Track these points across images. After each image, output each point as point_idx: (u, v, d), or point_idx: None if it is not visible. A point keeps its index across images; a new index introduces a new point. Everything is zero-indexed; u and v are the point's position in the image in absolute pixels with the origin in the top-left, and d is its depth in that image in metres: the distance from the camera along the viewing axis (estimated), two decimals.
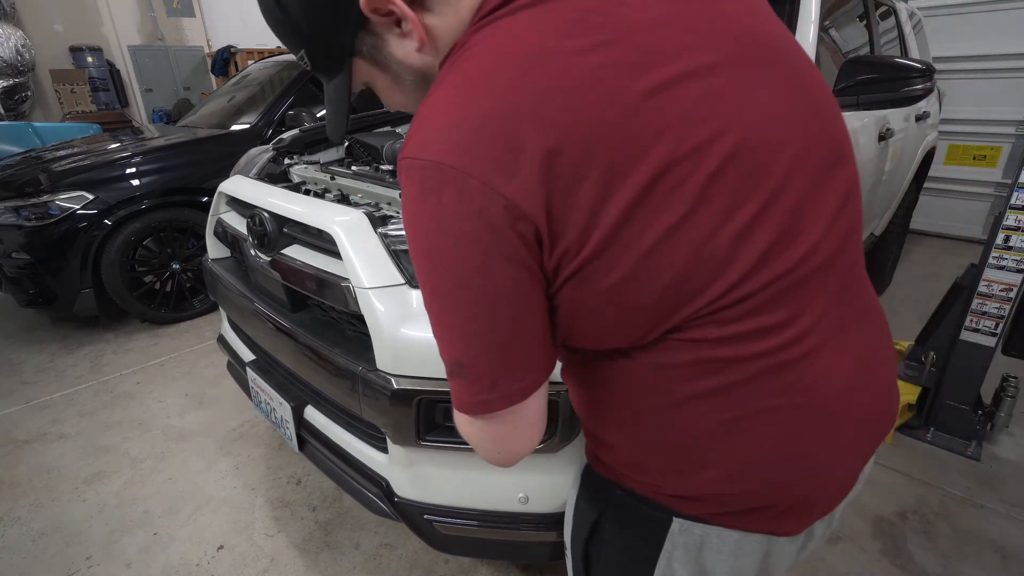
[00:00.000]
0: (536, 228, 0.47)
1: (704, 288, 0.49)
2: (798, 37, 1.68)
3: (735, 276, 0.49)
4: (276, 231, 1.39)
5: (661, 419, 0.57)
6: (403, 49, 0.57)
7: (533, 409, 0.56)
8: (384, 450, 1.22)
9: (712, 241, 0.48)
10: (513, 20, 0.50)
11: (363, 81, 0.63)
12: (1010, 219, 1.82)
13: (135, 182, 2.96)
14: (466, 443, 1.09)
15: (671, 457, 0.59)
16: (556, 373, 1.04)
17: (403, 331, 1.06)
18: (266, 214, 1.40)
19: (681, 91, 0.47)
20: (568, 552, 0.78)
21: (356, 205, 1.47)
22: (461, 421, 0.57)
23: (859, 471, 0.64)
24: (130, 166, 3.01)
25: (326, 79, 0.63)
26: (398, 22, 0.54)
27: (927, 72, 1.58)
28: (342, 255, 1.14)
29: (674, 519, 0.61)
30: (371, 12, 0.53)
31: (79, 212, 2.79)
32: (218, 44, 8.83)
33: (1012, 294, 1.88)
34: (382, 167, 1.71)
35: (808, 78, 0.56)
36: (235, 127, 3.51)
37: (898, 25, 2.88)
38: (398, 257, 1.13)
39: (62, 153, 3.26)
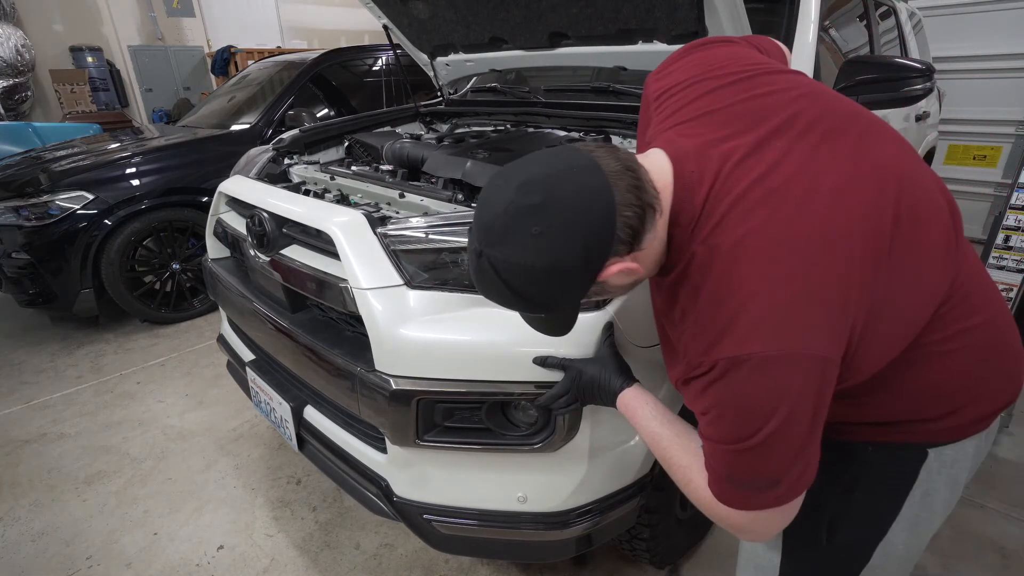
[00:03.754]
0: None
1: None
2: (798, 37, 1.68)
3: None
4: (275, 231, 1.39)
5: (932, 378, 0.73)
6: (622, 279, 0.70)
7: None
8: (383, 450, 1.22)
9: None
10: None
11: None
12: (1010, 219, 1.82)
13: (135, 182, 2.96)
14: (465, 443, 1.10)
15: (942, 402, 0.74)
16: (549, 372, 1.03)
17: (401, 331, 1.06)
18: (265, 214, 1.40)
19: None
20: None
21: (355, 205, 1.47)
22: (746, 518, 0.70)
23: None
24: (130, 166, 3.01)
25: (554, 313, 0.77)
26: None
27: (927, 72, 1.58)
28: (340, 256, 1.14)
29: (928, 451, 0.77)
30: (605, 280, 0.67)
31: (79, 212, 2.79)
32: (218, 44, 8.83)
33: (1012, 294, 1.88)
34: (382, 167, 1.71)
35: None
36: (235, 127, 3.52)
37: (898, 25, 2.88)
38: (397, 258, 1.13)
39: (62, 153, 3.26)
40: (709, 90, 0.77)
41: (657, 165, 0.70)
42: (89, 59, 7.79)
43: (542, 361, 1.00)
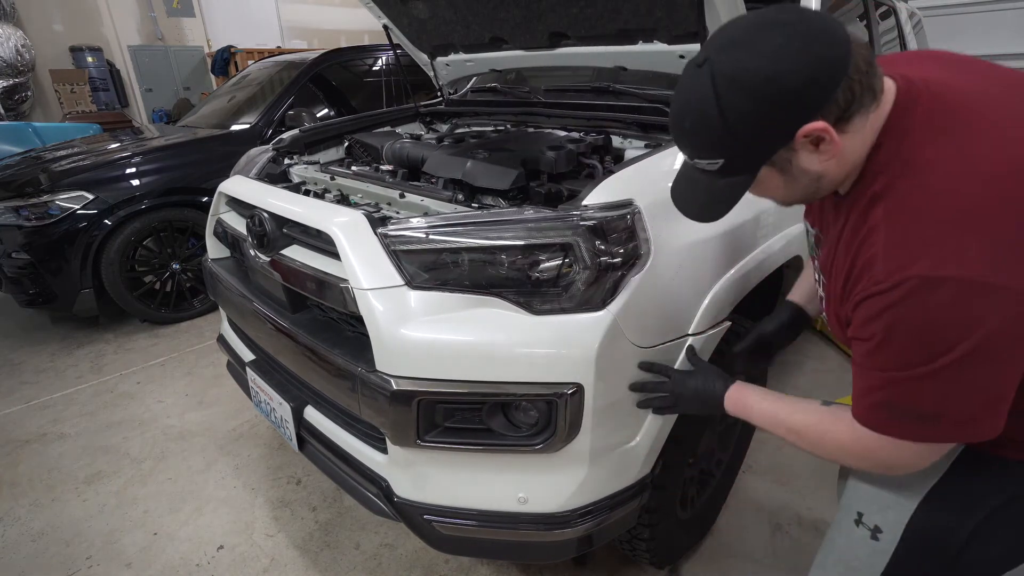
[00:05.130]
0: None
1: None
2: None
3: None
4: (276, 231, 1.39)
5: None
6: (811, 161, 0.68)
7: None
8: (384, 450, 1.22)
9: None
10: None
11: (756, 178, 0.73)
12: None
13: (135, 182, 2.96)
14: (465, 444, 1.10)
15: None
16: (551, 370, 1.03)
17: (402, 332, 1.06)
18: (266, 214, 1.40)
19: None
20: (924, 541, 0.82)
21: (356, 205, 1.47)
22: (895, 448, 0.70)
23: None
24: (130, 166, 3.01)
25: (725, 177, 0.72)
26: (817, 142, 0.65)
27: None
28: (341, 256, 1.13)
29: None
30: (803, 137, 0.64)
31: (79, 212, 2.79)
32: (218, 44, 8.84)
33: None
34: (382, 167, 1.71)
35: None
36: (235, 127, 3.52)
37: (898, 25, 2.89)
38: (397, 258, 1.12)
39: (62, 153, 3.26)
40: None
41: (885, 79, 0.70)
42: (89, 59, 7.80)
43: (648, 367, 1.07)
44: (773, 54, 0.62)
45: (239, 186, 1.63)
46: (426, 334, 1.06)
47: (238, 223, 1.65)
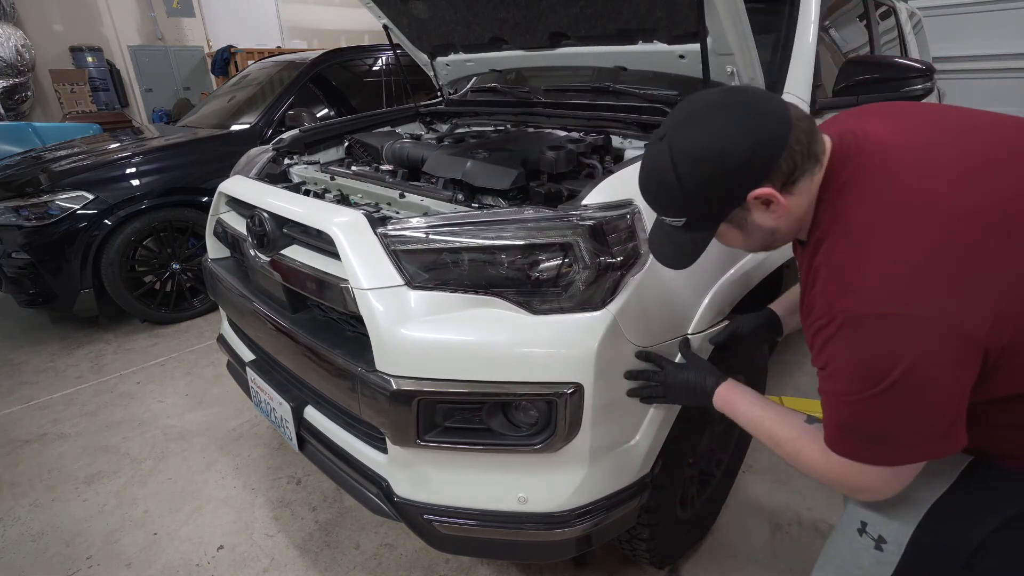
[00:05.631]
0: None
1: None
2: (798, 37, 1.68)
3: None
4: (276, 231, 1.39)
5: None
6: (764, 219, 0.78)
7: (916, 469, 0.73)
8: (384, 450, 1.22)
9: None
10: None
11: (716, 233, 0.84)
12: None
13: (135, 182, 2.96)
14: (465, 443, 1.10)
15: None
16: (551, 370, 1.04)
17: (402, 332, 1.06)
18: (266, 214, 1.40)
19: None
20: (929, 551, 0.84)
21: (356, 205, 1.47)
22: (860, 472, 0.74)
23: None
24: (130, 166, 3.01)
25: (689, 232, 0.83)
26: (767, 203, 0.76)
27: (927, 72, 1.58)
28: (341, 256, 1.13)
29: None
30: (753, 200, 0.75)
31: (79, 212, 2.79)
32: (218, 44, 8.83)
33: None
34: (382, 167, 1.71)
35: None
36: (235, 127, 3.51)
37: (898, 25, 2.88)
38: (397, 258, 1.12)
39: (62, 153, 3.26)
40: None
41: (824, 137, 0.79)
42: (89, 59, 7.80)
43: (645, 356, 1.09)
44: (719, 133, 0.73)
45: (239, 186, 1.63)
46: (426, 334, 1.06)
47: (238, 223, 1.65)
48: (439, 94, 2.45)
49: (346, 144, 2.05)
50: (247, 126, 3.49)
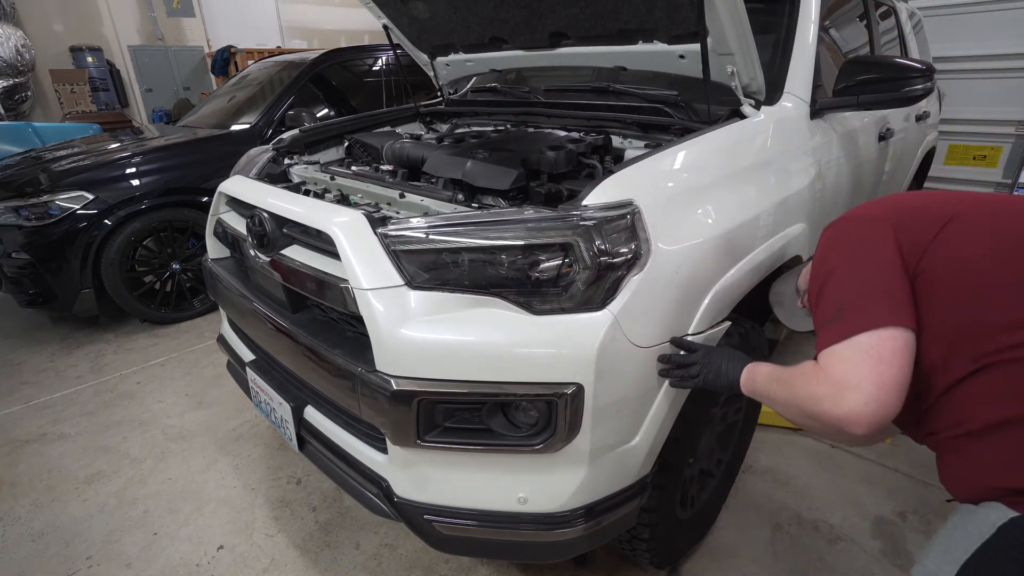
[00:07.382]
0: None
1: None
2: (798, 37, 1.68)
3: None
4: (276, 231, 1.39)
5: None
6: None
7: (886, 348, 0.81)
8: (384, 450, 1.22)
9: None
10: None
11: None
12: None
13: (135, 182, 2.96)
14: (466, 444, 1.10)
15: None
16: (552, 370, 1.03)
17: (402, 332, 1.06)
18: (266, 214, 1.40)
19: None
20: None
21: (356, 205, 1.47)
22: (840, 361, 0.82)
23: None
24: (130, 166, 3.01)
25: None
26: None
27: (927, 72, 1.58)
28: (341, 256, 1.13)
29: None
30: None
31: (79, 212, 2.79)
32: (218, 44, 8.83)
33: None
34: (382, 167, 1.71)
35: None
36: (235, 127, 3.51)
37: (898, 25, 2.88)
38: (397, 258, 1.12)
39: (62, 153, 3.26)
40: None
41: None
42: (89, 59, 7.80)
43: (678, 343, 1.13)
44: None
45: (239, 186, 1.63)
46: (426, 334, 1.06)
47: (238, 223, 1.65)
48: (439, 94, 2.45)
49: (346, 144, 2.04)
50: (247, 126, 3.49)
